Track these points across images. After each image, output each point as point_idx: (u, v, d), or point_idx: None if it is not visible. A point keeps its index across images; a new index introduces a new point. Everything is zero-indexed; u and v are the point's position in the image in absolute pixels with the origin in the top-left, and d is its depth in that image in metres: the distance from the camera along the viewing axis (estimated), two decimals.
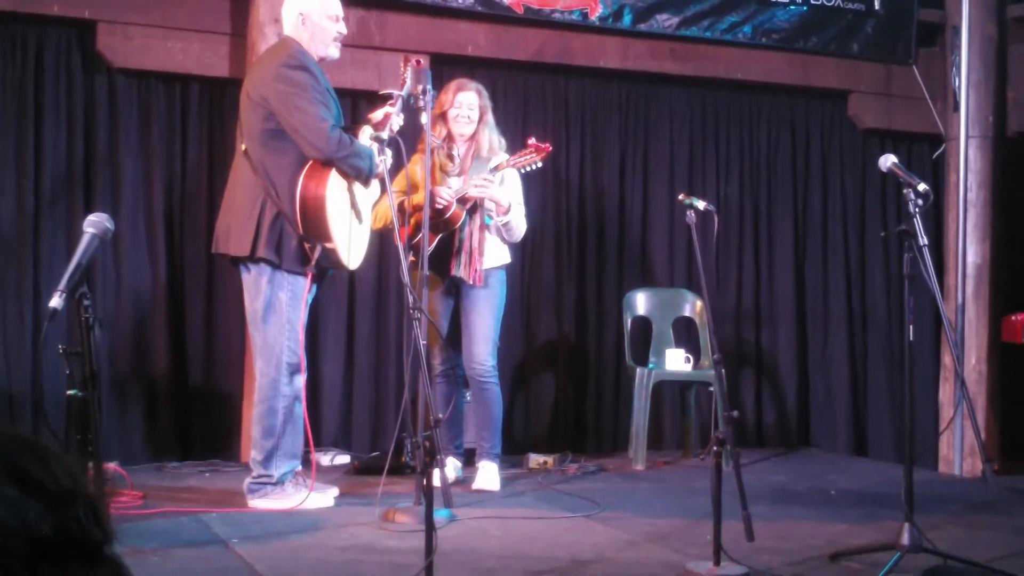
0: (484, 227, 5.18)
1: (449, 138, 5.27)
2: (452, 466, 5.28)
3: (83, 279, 3.20)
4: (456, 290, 5.27)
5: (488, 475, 5.21)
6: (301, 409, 4.66)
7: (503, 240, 5.29)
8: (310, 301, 4.74)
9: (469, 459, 5.46)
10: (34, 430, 5.25)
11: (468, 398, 5.50)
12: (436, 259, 5.01)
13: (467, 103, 5.25)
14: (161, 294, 5.73)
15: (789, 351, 7.04)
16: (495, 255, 5.26)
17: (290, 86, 4.55)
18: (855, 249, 7.21)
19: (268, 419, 4.60)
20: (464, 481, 5.27)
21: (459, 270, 5.14)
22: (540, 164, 5.16)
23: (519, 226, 5.29)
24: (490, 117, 5.32)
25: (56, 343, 4.21)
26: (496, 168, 5.12)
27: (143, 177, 5.72)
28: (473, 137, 5.27)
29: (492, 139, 5.30)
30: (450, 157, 5.25)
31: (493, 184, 5.12)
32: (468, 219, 5.15)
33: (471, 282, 5.15)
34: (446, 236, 5.13)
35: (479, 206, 5.18)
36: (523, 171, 5.20)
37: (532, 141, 5.13)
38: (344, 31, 4.80)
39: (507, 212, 5.17)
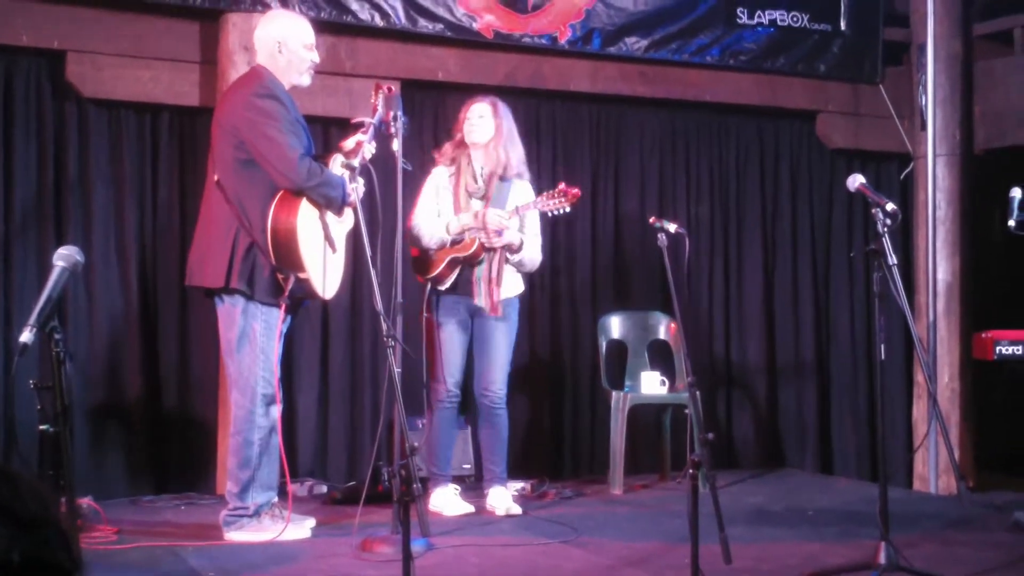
0: (504, 259, 5.23)
1: (464, 151, 5.31)
2: (453, 491, 5.31)
3: (53, 313, 3.17)
4: (471, 319, 5.30)
5: (507, 500, 5.29)
6: (277, 440, 4.63)
7: (519, 270, 5.36)
8: (285, 332, 4.72)
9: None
10: (6, 463, 5.20)
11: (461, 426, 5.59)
12: (456, 289, 5.21)
13: (477, 112, 5.30)
14: (134, 325, 5.68)
15: (763, 371, 7.06)
16: (511, 285, 5.31)
17: (260, 115, 4.55)
18: (822, 267, 7.25)
19: (244, 451, 4.58)
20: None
21: (481, 300, 5.19)
22: (568, 209, 5.22)
23: (532, 260, 5.36)
24: (509, 136, 5.32)
25: (27, 377, 4.18)
26: (521, 208, 5.17)
27: (114, 206, 5.69)
28: (487, 152, 5.28)
29: (510, 157, 5.30)
30: (475, 178, 5.30)
31: (509, 229, 5.16)
32: (487, 251, 5.20)
33: (490, 312, 5.21)
34: (466, 267, 5.20)
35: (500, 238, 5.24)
36: (550, 215, 5.27)
37: (563, 185, 5.22)
38: (317, 60, 4.82)
39: (518, 251, 5.23)
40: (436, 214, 5.29)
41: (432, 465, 5.32)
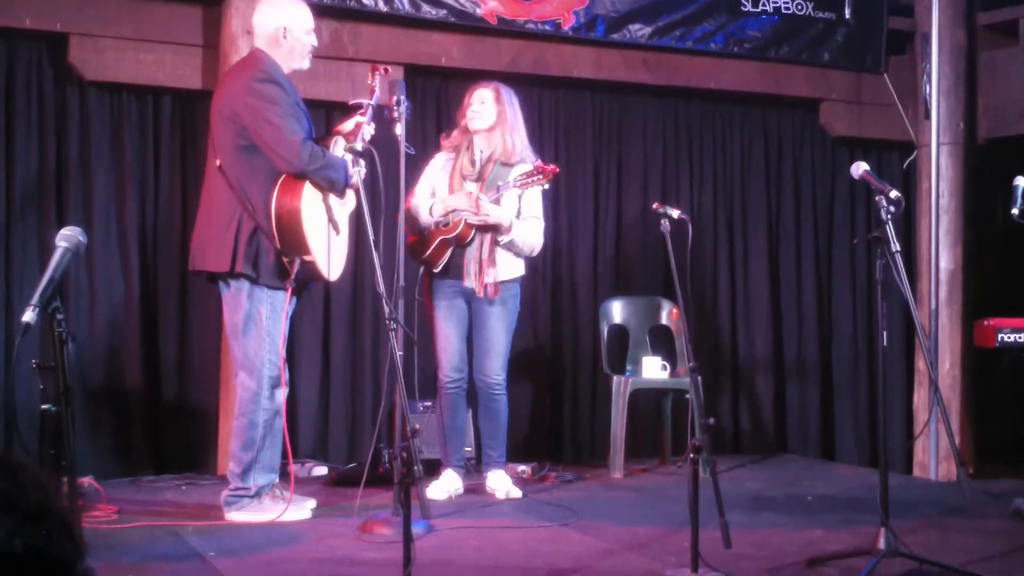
0: (495, 241, 5.17)
1: (468, 140, 5.29)
2: (453, 478, 5.30)
3: (56, 293, 3.18)
4: (468, 303, 5.28)
5: (506, 483, 5.29)
6: (281, 423, 4.64)
7: (516, 254, 5.28)
8: (290, 314, 4.72)
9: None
10: (7, 445, 5.21)
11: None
12: (448, 272, 5.17)
13: (479, 98, 5.28)
14: (135, 307, 5.69)
15: (765, 357, 7.07)
16: (507, 268, 5.25)
17: (260, 100, 4.55)
18: (824, 255, 7.26)
19: (248, 432, 4.59)
20: (463, 492, 5.29)
21: (471, 282, 5.16)
22: (547, 186, 5.19)
23: (527, 242, 5.25)
24: (513, 122, 5.28)
25: (29, 358, 4.18)
26: (502, 187, 5.14)
27: (115, 190, 5.69)
28: (490, 138, 5.25)
29: (515, 143, 5.26)
30: (472, 162, 5.27)
31: (489, 214, 5.08)
32: (478, 233, 5.15)
33: (482, 295, 5.17)
34: (457, 249, 5.17)
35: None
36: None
37: (538, 163, 5.19)
38: (316, 44, 4.84)
39: (507, 232, 5.15)
40: (430, 196, 5.28)
41: (439, 448, 5.35)
